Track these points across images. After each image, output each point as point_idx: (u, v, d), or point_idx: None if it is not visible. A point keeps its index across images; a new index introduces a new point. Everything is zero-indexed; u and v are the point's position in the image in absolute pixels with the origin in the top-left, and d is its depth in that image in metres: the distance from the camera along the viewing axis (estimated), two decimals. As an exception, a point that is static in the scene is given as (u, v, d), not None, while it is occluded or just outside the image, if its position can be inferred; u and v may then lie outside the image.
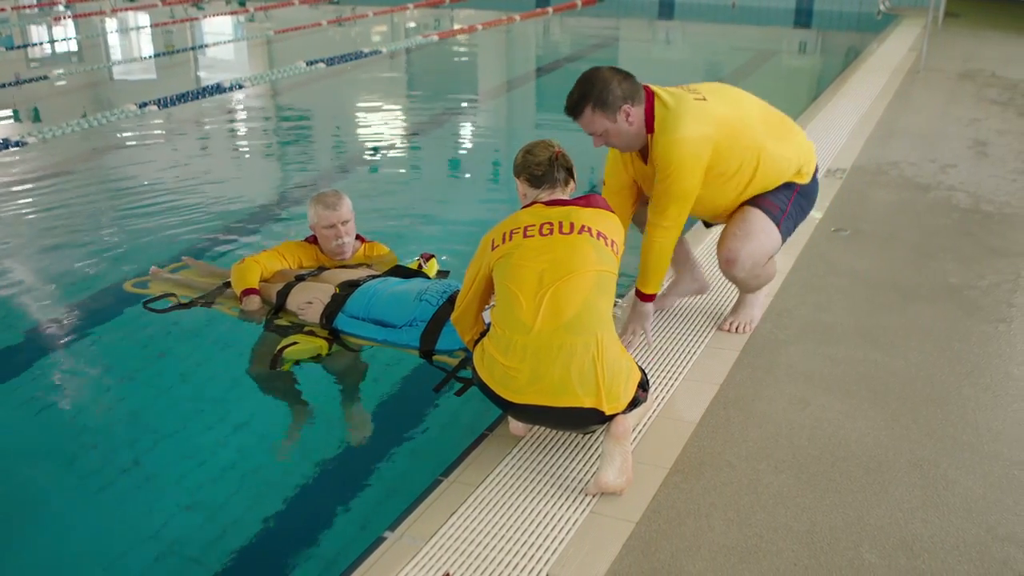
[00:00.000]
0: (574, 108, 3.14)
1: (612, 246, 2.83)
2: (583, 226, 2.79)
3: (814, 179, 3.52)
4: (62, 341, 4.03)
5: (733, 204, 3.43)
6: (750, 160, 3.31)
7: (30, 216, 5.82)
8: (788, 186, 3.43)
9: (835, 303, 3.89)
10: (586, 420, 2.67)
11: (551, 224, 2.79)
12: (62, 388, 3.70)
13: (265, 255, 4.04)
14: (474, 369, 2.82)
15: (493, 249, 2.83)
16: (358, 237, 4.20)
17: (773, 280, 4.02)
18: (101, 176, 6.96)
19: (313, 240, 4.14)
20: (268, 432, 3.40)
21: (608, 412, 2.63)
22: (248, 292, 3.87)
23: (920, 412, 3.05)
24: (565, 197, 2.90)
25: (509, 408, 2.74)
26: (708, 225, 3.85)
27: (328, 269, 4.04)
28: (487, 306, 3.00)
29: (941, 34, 12.25)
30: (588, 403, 2.61)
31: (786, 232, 3.48)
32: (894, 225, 4.88)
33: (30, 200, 6.18)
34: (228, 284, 4.02)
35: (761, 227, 3.38)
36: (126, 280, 4.28)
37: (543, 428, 2.94)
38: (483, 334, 2.89)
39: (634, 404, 2.70)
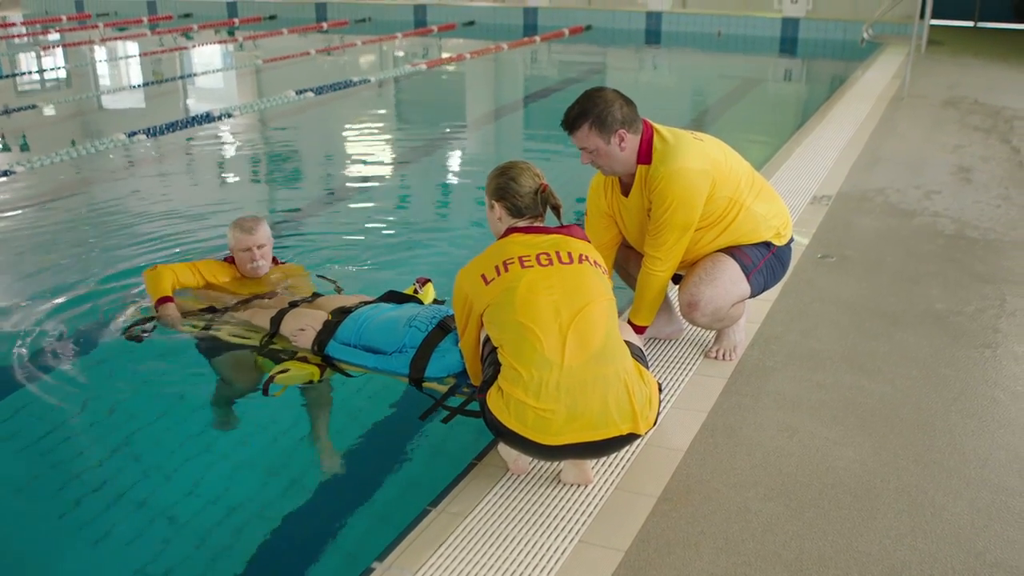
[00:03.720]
0: (572, 123, 3.17)
1: (607, 274, 2.89)
2: (581, 255, 2.78)
3: (788, 245, 3.55)
4: (47, 371, 3.99)
5: (701, 254, 3.43)
6: (728, 211, 3.32)
7: (17, 246, 5.79)
8: (766, 245, 3.44)
9: (822, 330, 3.91)
10: (620, 445, 2.70)
11: (548, 254, 2.75)
12: (47, 419, 3.66)
13: (180, 265, 4.14)
14: (494, 417, 2.66)
15: (487, 284, 2.74)
16: (273, 260, 4.34)
17: (759, 307, 4.04)
18: (90, 206, 6.94)
19: (231, 260, 4.25)
20: (254, 461, 3.38)
21: (642, 432, 2.69)
22: (163, 300, 3.91)
23: (907, 438, 3.06)
24: (544, 224, 2.90)
25: (543, 451, 2.64)
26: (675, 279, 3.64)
27: (321, 296, 4.07)
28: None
29: (924, 62, 12.39)
30: (626, 429, 2.63)
31: (756, 286, 3.45)
32: (880, 251, 4.91)
33: (17, 230, 6.16)
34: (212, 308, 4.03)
35: (729, 275, 3.37)
36: (120, 308, 4.29)
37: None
38: (492, 377, 2.71)
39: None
